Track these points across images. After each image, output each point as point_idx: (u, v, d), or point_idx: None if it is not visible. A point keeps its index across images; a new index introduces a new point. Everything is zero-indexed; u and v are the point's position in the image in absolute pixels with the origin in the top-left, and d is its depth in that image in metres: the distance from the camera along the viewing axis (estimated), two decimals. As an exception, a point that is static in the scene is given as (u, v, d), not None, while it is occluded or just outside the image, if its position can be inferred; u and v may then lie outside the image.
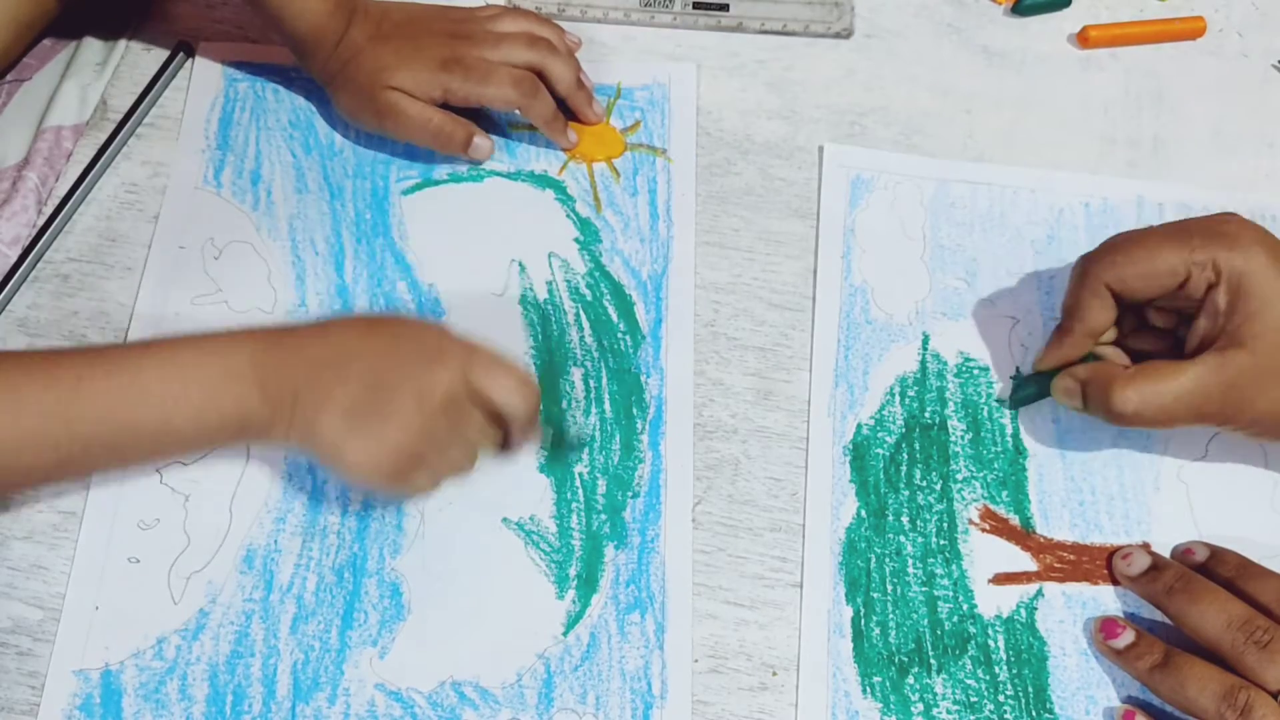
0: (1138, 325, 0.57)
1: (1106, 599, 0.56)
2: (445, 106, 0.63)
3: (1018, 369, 0.61)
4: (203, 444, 0.53)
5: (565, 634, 0.54)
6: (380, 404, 0.49)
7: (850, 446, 0.59)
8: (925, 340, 0.62)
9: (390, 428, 0.49)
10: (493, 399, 0.51)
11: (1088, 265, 0.55)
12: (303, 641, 0.54)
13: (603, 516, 0.57)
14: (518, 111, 0.64)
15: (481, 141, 0.64)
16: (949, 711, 0.53)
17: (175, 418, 0.49)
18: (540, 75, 0.64)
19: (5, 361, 0.49)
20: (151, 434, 0.49)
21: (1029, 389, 0.59)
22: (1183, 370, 0.52)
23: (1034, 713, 0.53)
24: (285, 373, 0.49)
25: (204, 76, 0.68)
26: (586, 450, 0.58)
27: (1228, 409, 0.52)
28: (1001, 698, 0.54)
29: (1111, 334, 0.57)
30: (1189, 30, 0.72)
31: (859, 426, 0.59)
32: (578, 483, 0.57)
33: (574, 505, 0.57)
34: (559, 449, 0.58)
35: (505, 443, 0.54)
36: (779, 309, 0.63)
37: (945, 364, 0.61)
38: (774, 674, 0.54)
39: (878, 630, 0.55)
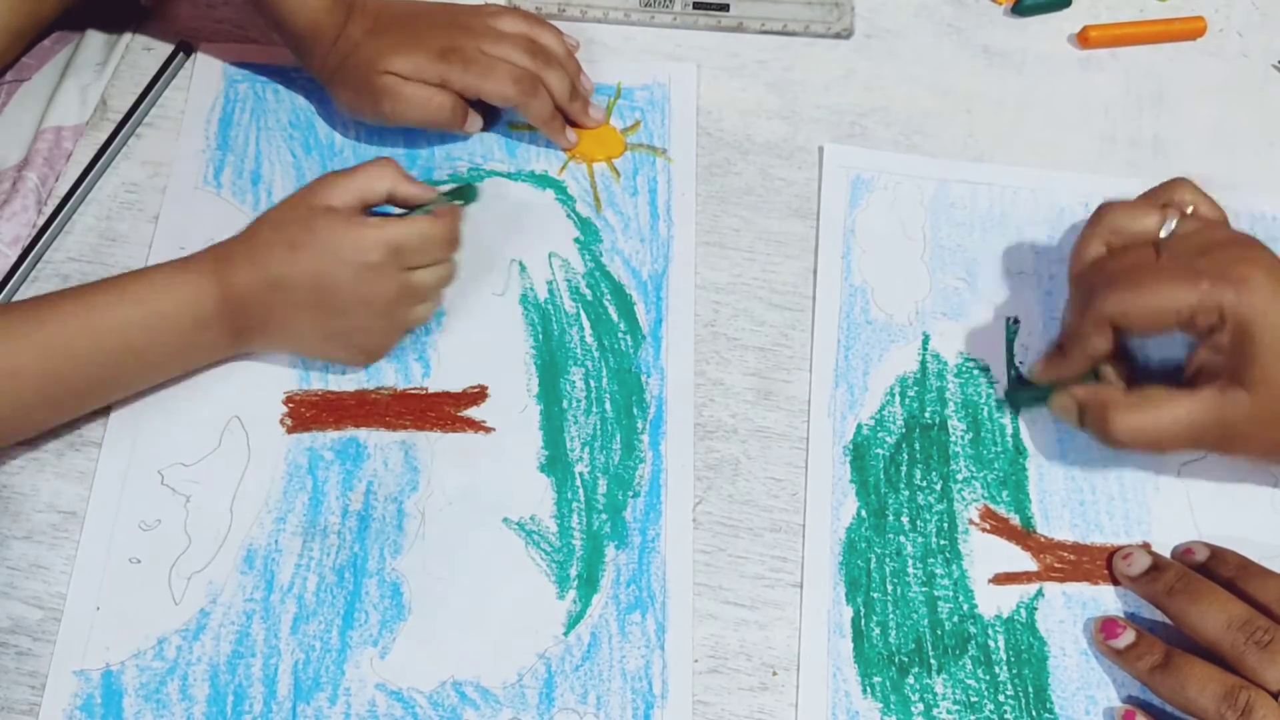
0: None
1: (1107, 599, 0.56)
2: None
3: (1017, 367, 0.61)
4: (189, 371, 0.58)
5: (566, 634, 0.54)
6: (334, 310, 0.55)
7: (850, 446, 0.59)
8: (925, 340, 0.62)
9: (359, 325, 0.57)
10: (421, 262, 0.57)
11: (1095, 299, 0.53)
12: (303, 641, 0.54)
13: (603, 516, 0.57)
14: (516, 109, 0.64)
15: (473, 116, 0.65)
16: (949, 711, 0.53)
17: (161, 360, 0.56)
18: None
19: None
20: (134, 374, 0.56)
21: (1030, 394, 0.59)
22: (1180, 402, 0.52)
23: (1034, 713, 0.53)
24: (248, 314, 0.55)
25: (204, 76, 0.68)
26: (587, 450, 0.58)
27: (1222, 443, 0.53)
28: (1002, 698, 0.54)
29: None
30: (1189, 30, 0.72)
31: (859, 426, 0.59)
32: (578, 482, 0.58)
33: (574, 505, 0.57)
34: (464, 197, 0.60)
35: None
36: (779, 309, 0.63)
37: (945, 364, 0.61)
38: (774, 674, 0.54)
39: (878, 630, 0.55)
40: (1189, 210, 0.55)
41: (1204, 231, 0.53)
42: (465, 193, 0.59)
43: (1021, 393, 0.60)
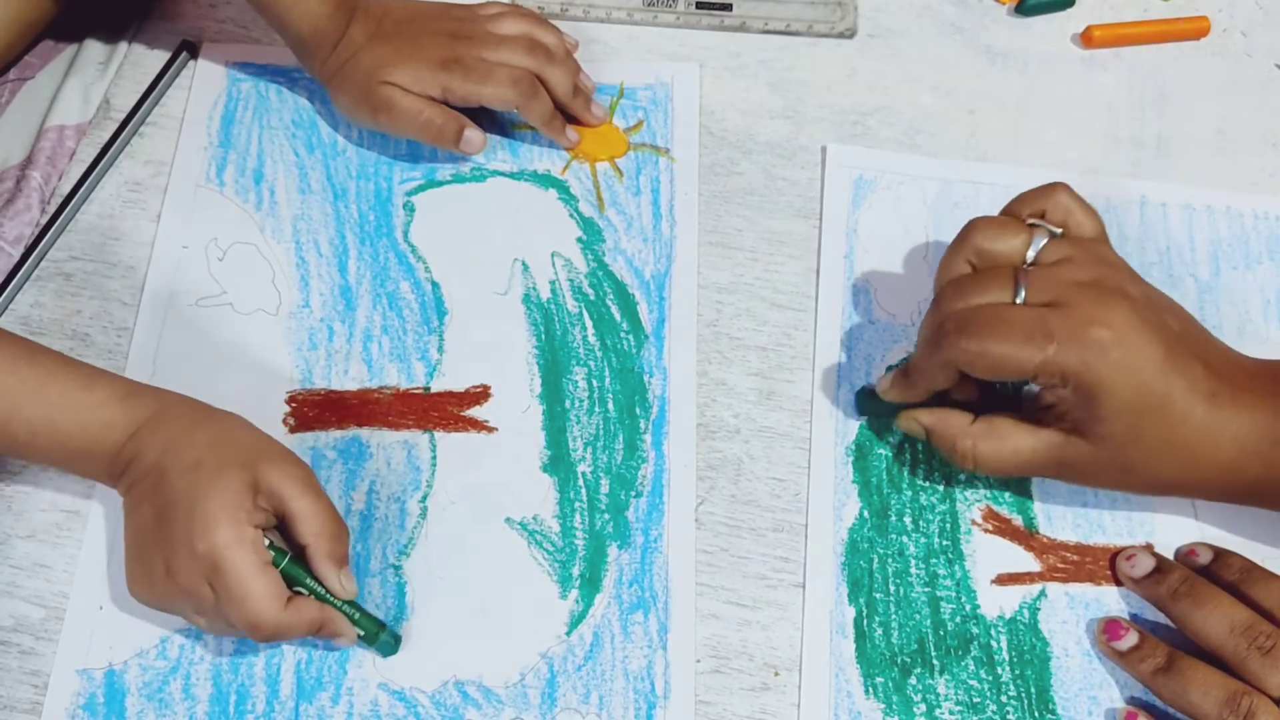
0: None
1: (1110, 600, 0.56)
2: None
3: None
4: (61, 469, 0.56)
5: (568, 634, 0.54)
6: (152, 551, 0.50)
7: (853, 447, 0.59)
8: (928, 341, 0.61)
9: (155, 579, 0.50)
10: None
11: (942, 342, 0.51)
12: (306, 641, 0.54)
13: (606, 516, 0.57)
14: (517, 111, 0.64)
15: (473, 134, 0.63)
16: (951, 712, 0.53)
17: (27, 452, 0.52)
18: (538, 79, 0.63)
19: None
20: (18, 453, 0.53)
21: (879, 406, 0.57)
22: (1024, 438, 0.52)
23: (1036, 713, 0.53)
24: (130, 472, 0.51)
25: (207, 76, 0.68)
26: (590, 449, 0.58)
27: (1062, 476, 0.53)
28: (1004, 698, 0.54)
29: None
30: (1193, 30, 0.72)
31: (861, 427, 0.59)
32: (581, 482, 0.58)
33: (577, 505, 0.57)
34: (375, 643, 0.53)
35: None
36: (782, 309, 0.63)
37: (948, 364, 0.61)
38: (776, 674, 0.54)
39: (880, 631, 0.55)
40: (1059, 232, 0.52)
41: (1066, 267, 0.50)
42: (373, 636, 0.52)
43: (870, 403, 0.58)
